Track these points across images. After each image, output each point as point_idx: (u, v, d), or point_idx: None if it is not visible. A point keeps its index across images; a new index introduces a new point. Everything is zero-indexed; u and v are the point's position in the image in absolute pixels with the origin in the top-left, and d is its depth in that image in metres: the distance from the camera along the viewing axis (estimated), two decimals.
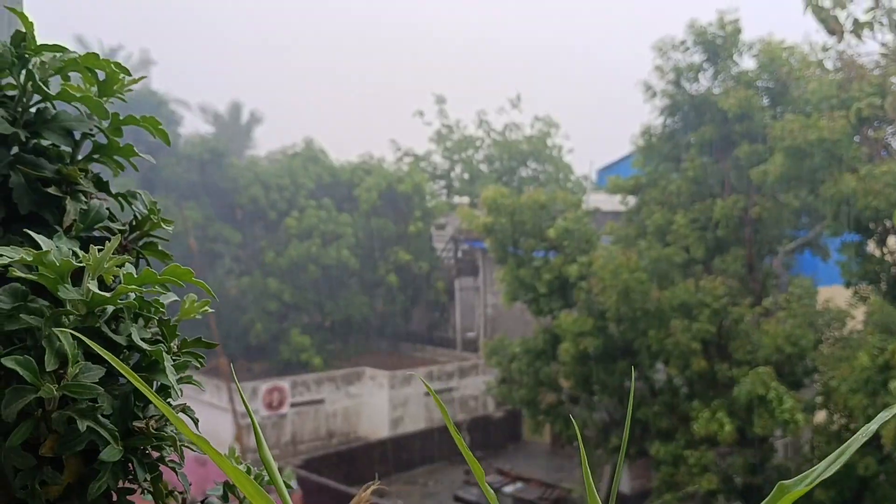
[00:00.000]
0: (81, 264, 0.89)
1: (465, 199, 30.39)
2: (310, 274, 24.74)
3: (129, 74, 1.13)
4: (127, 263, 0.94)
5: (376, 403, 24.26)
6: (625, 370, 16.73)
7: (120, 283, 0.91)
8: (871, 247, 15.92)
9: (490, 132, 34.10)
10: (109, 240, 0.95)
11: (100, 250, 0.91)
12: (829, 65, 18.13)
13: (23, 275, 0.85)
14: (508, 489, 18.57)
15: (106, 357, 0.77)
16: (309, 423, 23.65)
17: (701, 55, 17.61)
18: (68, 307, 0.87)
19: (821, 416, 16.14)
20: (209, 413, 22.85)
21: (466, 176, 33.35)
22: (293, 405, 23.28)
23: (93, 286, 0.88)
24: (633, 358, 16.63)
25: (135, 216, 1.13)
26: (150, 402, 0.91)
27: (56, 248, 0.89)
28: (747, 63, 17.90)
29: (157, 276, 0.96)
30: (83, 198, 1.06)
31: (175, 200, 23.44)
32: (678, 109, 17.66)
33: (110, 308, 0.90)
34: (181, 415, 0.97)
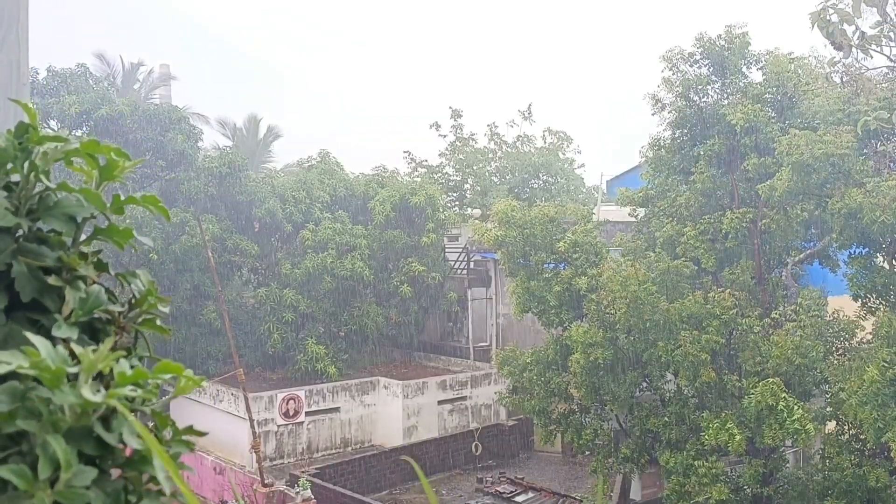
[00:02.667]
0: (76, 369, 0.94)
1: (477, 212, 30.73)
2: (325, 285, 25.09)
3: (129, 159, 1.18)
4: (121, 359, 0.98)
5: (390, 412, 24.55)
6: (635, 381, 16.93)
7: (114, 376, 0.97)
8: (880, 259, 16.01)
9: (502, 144, 34.41)
10: (109, 322, 1.04)
11: (94, 350, 0.96)
12: (836, 78, 18.30)
13: (24, 371, 0.91)
14: (520, 498, 18.78)
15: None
16: (324, 432, 23.98)
17: (709, 68, 17.82)
18: (65, 410, 0.92)
19: (831, 425, 16.23)
20: (227, 421, 23.24)
21: (479, 188, 33.68)
22: (309, 414, 23.62)
23: (86, 391, 0.92)
24: (643, 368, 16.84)
25: (133, 295, 1.17)
26: (141, 495, 0.96)
27: (53, 350, 0.94)
28: (755, 76, 18.08)
29: (149, 374, 1.00)
30: (83, 284, 1.10)
31: (194, 214, 23.91)
32: (686, 122, 17.85)
33: (103, 405, 0.94)
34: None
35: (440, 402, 24.97)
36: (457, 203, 33.55)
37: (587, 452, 20.05)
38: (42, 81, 25.75)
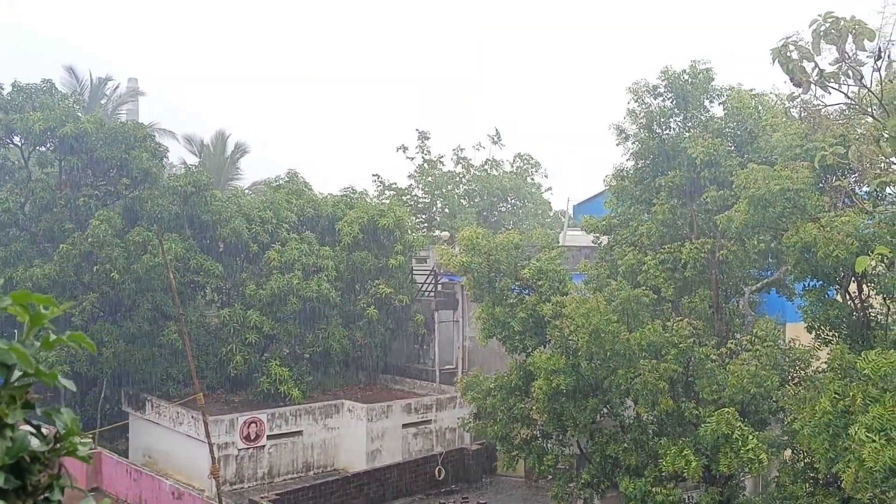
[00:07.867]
0: None
1: (446, 234, 30.84)
2: (290, 306, 24.91)
3: (57, 306, 1.33)
4: None
5: (354, 436, 24.38)
6: (596, 407, 17.08)
7: None
8: (834, 292, 16.36)
9: (470, 168, 34.66)
10: (34, 460, 1.16)
11: None
12: (794, 113, 18.79)
13: None
14: None
15: None
16: (286, 456, 23.71)
17: (672, 101, 18.20)
18: None
19: (788, 453, 16.49)
20: (187, 444, 22.87)
21: (447, 210, 33.83)
22: (270, 437, 23.34)
23: None
24: (603, 395, 17.00)
25: (58, 431, 1.30)
26: None
27: None
28: (716, 110, 18.50)
29: None
30: (10, 432, 1.23)
31: (157, 233, 23.61)
32: (649, 153, 18.20)
33: None
34: None
35: (405, 426, 24.87)
36: (425, 225, 33.62)
37: (549, 477, 20.10)
38: (6, 97, 25.38)
